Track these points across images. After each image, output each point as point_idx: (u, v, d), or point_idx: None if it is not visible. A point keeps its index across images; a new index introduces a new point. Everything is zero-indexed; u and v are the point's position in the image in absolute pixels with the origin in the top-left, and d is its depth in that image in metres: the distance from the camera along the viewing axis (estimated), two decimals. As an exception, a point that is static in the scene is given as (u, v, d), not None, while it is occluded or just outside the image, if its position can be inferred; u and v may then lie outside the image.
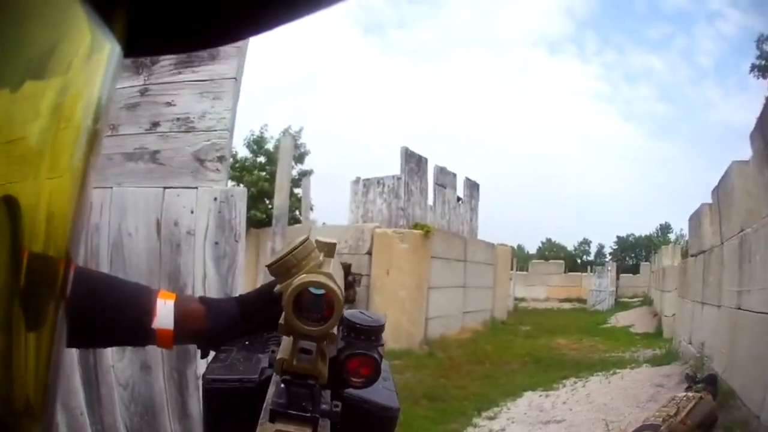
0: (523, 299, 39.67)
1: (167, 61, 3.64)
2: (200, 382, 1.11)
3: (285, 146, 9.00)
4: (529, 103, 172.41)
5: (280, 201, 8.10)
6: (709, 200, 11.66)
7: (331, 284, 0.77)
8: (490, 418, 9.20)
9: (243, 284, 3.60)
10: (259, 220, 21.88)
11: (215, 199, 3.53)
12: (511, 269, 31.98)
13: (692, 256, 13.64)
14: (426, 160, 20.11)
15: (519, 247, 75.38)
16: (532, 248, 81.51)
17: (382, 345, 0.88)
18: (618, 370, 13.23)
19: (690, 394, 6.86)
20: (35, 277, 0.53)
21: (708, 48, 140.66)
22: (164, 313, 1.26)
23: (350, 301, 3.55)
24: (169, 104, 3.64)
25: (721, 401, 7.40)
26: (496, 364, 14.68)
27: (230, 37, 0.76)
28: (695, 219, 13.31)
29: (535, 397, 10.93)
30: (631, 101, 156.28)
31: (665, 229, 74.59)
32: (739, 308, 8.19)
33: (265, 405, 0.85)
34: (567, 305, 39.77)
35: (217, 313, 1.30)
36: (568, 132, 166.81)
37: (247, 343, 1.21)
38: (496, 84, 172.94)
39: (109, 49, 0.57)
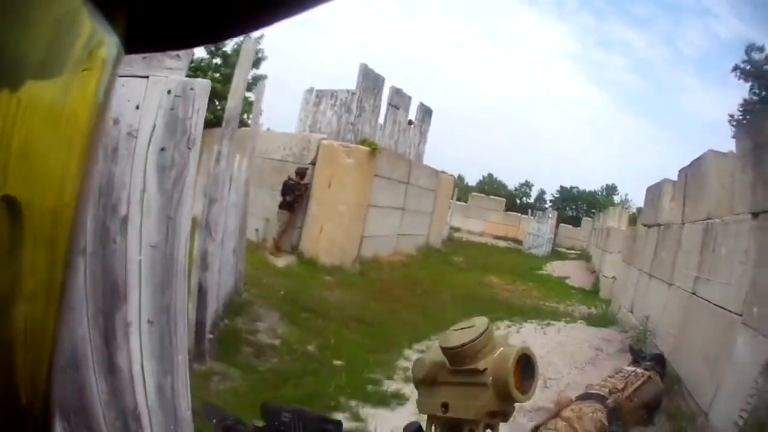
0: (458, 229, 40.27)
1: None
2: (130, 329, 1.20)
3: (246, 49, 8.63)
4: (496, 45, 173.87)
5: (234, 103, 7.99)
6: (667, 177, 11.78)
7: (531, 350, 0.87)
8: (422, 352, 8.92)
9: (191, 205, 3.17)
10: (208, 121, 21.41)
11: (169, 92, 2.94)
12: (452, 199, 32.50)
13: (645, 225, 13.88)
14: (383, 79, 20.06)
15: (459, 176, 76.11)
16: (472, 180, 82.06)
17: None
18: (553, 322, 13.55)
19: (639, 370, 6.71)
20: (36, 276, 0.55)
21: (692, 38, 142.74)
22: None
23: (293, 209, 11.64)
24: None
25: (666, 385, 7.32)
26: (427, 293, 14.91)
27: (230, 32, 0.76)
28: (654, 191, 13.41)
29: (466, 339, 10.85)
30: (600, 66, 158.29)
31: (611, 189, 76.19)
32: (695, 294, 8.33)
33: None
34: (502, 243, 40.39)
35: None
36: (530, 80, 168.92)
37: None
38: (466, 19, 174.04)
39: (111, 45, 0.59)
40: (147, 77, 2.77)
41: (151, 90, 2.77)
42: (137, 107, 2.73)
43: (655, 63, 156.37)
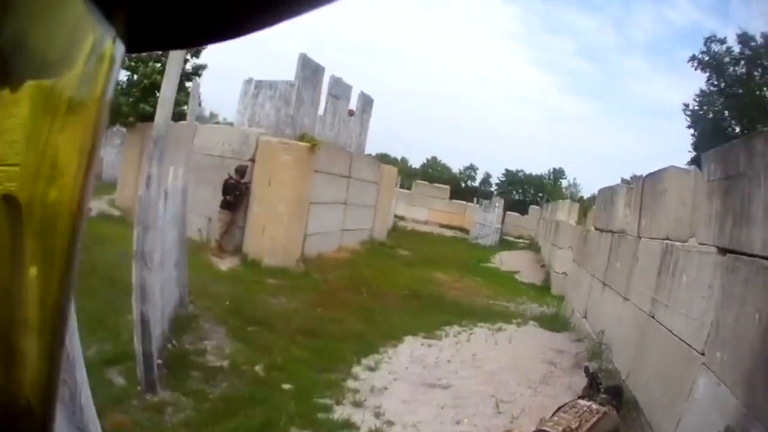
0: (403, 218, 40.52)
1: None
2: None
3: (174, 58, 8.17)
4: (441, 26, 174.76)
5: (161, 119, 7.53)
6: (619, 174, 11.69)
7: None
8: (371, 369, 9.18)
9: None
10: (147, 114, 21.10)
11: None
12: (396, 187, 32.80)
13: (597, 229, 13.83)
14: (323, 69, 20.09)
15: (403, 159, 76.50)
16: (416, 162, 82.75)
17: None
18: (504, 326, 13.42)
19: (594, 405, 6.72)
20: (39, 274, 0.56)
21: (643, 24, 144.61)
22: None
23: (234, 208, 12.64)
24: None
25: (623, 412, 7.29)
26: (374, 294, 14.83)
27: (231, 33, 0.73)
28: (607, 194, 13.34)
29: (417, 344, 11.02)
30: (547, 50, 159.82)
31: (558, 173, 76.87)
32: (653, 317, 8.23)
33: None
34: (448, 232, 40.75)
35: None
36: (473, 63, 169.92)
37: None
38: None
39: (112, 45, 0.60)
40: None
41: None
42: None
43: (604, 48, 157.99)
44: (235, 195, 16.04)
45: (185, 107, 16.77)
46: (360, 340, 10.58)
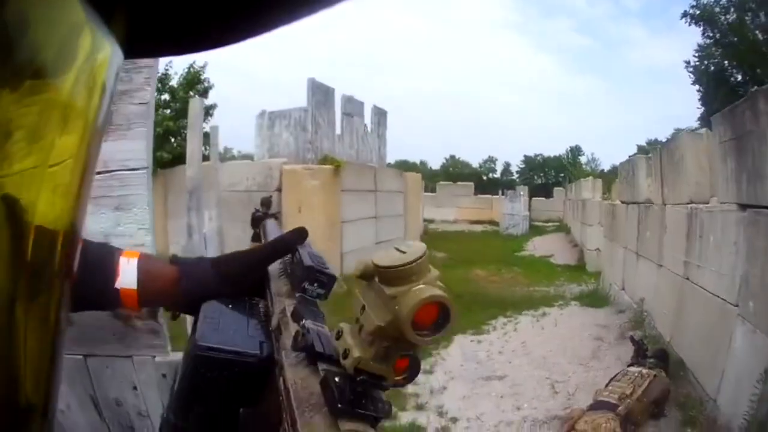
0: (432, 221, 40.20)
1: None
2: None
3: (194, 110, 8.15)
4: (438, 30, 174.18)
5: (193, 171, 7.50)
6: (634, 142, 11.65)
7: (450, 300, 0.74)
8: (427, 372, 9.18)
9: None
10: (166, 161, 21.57)
11: (164, 375, 2.63)
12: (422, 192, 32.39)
13: (623, 202, 13.76)
14: (333, 90, 20.03)
15: (422, 162, 76.51)
16: (435, 164, 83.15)
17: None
18: (546, 310, 13.55)
19: (644, 370, 6.92)
20: (37, 276, 0.56)
21: None
22: (127, 272, 1.23)
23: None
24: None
25: (671, 371, 7.55)
26: None
27: (229, 38, 0.75)
28: (628, 168, 13.41)
29: (467, 342, 11.05)
30: (546, 33, 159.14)
31: (575, 151, 75.52)
32: (688, 279, 8.32)
33: (293, 391, 0.83)
34: (478, 228, 40.33)
35: (191, 274, 1.26)
36: (476, 58, 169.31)
37: (230, 306, 1.18)
38: (402, 5, 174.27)
39: (110, 50, 0.60)
40: (130, 357, 2.60)
41: (141, 371, 2.58)
42: (134, 387, 2.55)
43: (600, 21, 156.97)
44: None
45: (203, 148, 16.88)
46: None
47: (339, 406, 0.75)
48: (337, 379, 0.79)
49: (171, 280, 1.24)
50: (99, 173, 2.48)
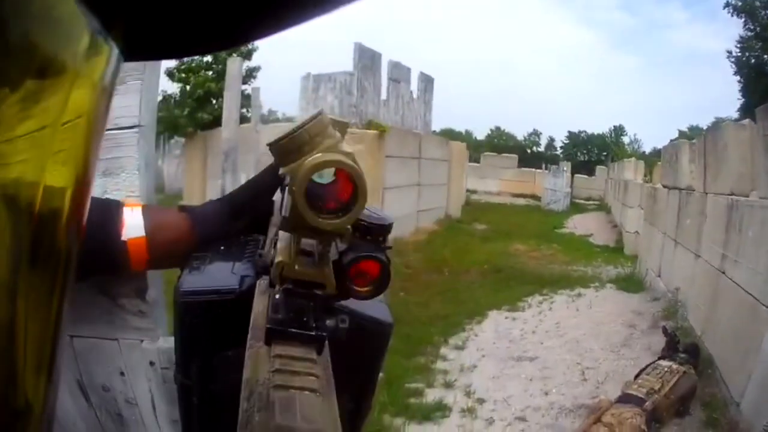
0: (474, 191, 40.11)
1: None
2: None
3: (232, 72, 8.12)
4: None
5: (228, 133, 7.74)
6: (675, 126, 11.47)
7: (354, 165, 0.69)
8: (458, 348, 9.27)
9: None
10: (206, 122, 21.88)
11: (152, 363, 2.29)
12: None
13: (665, 187, 13.60)
14: (380, 55, 20.04)
15: (467, 132, 76.46)
16: (480, 135, 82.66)
17: (390, 247, 0.80)
18: (582, 291, 13.51)
19: (674, 365, 6.91)
20: (37, 276, 0.55)
21: None
22: (133, 221, 1.20)
23: None
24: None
25: (700, 369, 7.51)
26: (455, 272, 14.91)
27: (229, 41, 0.76)
28: (671, 152, 13.22)
29: (501, 318, 11.10)
30: (589, 6, 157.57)
31: (619, 130, 75.86)
32: (724, 273, 8.19)
33: (252, 320, 0.75)
34: (521, 201, 40.19)
35: (204, 218, 1.24)
36: (522, 29, 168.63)
37: (222, 248, 1.13)
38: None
39: (108, 52, 0.59)
40: (116, 340, 2.25)
41: (128, 356, 2.26)
42: (122, 373, 2.21)
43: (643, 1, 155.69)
44: None
45: (244, 110, 16.88)
46: (445, 321, 10.64)
47: (268, 327, 0.67)
48: (277, 296, 0.71)
49: (183, 228, 1.22)
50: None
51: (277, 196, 1.14)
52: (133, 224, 1.18)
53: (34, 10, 0.47)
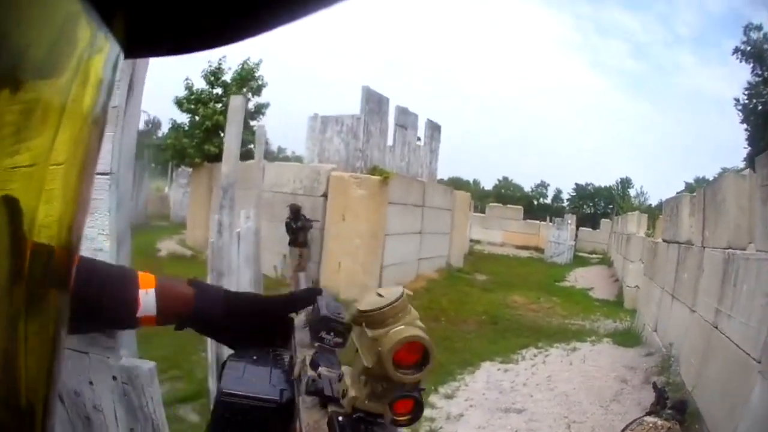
0: (478, 241, 40.48)
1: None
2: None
3: (234, 107, 8.11)
4: (495, 44, 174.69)
5: (228, 168, 7.81)
6: (682, 178, 11.46)
7: (427, 338, 0.85)
8: (448, 397, 9.24)
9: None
10: (213, 155, 21.99)
11: (114, 378, 2.59)
12: (470, 210, 32.59)
13: (665, 241, 13.66)
14: (387, 99, 20.15)
15: (475, 182, 77.37)
16: (488, 184, 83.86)
17: (423, 389, 0.93)
18: (578, 345, 13.46)
19: (659, 422, 6.90)
20: (37, 277, 0.54)
21: (688, 19, 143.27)
22: (147, 302, 1.30)
23: (302, 244, 9.09)
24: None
25: (687, 422, 7.48)
26: (452, 322, 14.95)
27: (229, 38, 0.72)
28: (673, 205, 13.24)
29: (493, 370, 11.04)
30: (600, 53, 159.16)
31: (625, 183, 76.24)
32: (716, 327, 8.16)
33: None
34: (524, 253, 40.35)
35: (204, 298, 1.37)
36: (534, 75, 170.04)
37: (255, 357, 1.25)
38: (461, 20, 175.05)
39: (109, 48, 0.58)
40: (87, 353, 2.56)
41: (96, 369, 2.57)
42: (90, 383, 2.53)
43: (653, 46, 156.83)
44: (295, 232, 16.03)
45: (251, 146, 16.97)
46: (438, 369, 10.30)
47: None
48: (340, 418, 0.90)
49: (186, 301, 1.34)
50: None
51: (298, 321, 1.41)
52: (147, 305, 1.30)
53: (34, 5, 0.47)
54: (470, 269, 25.91)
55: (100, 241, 2.52)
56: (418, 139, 23.33)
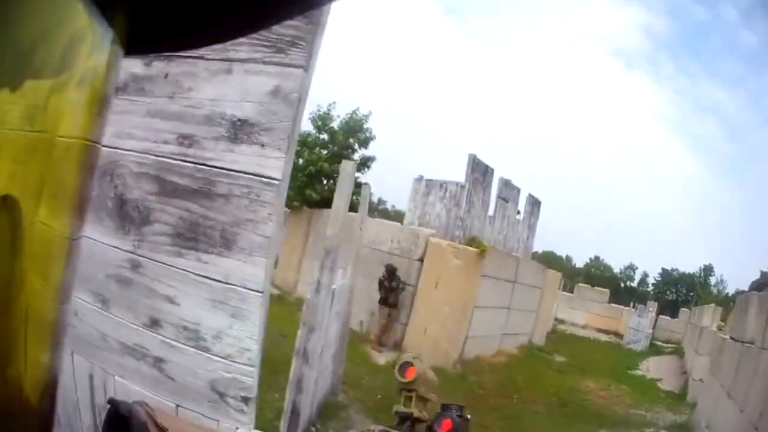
0: (563, 321, 40.24)
1: (160, 227, 2.88)
2: None
3: (345, 172, 8.25)
4: (597, 118, 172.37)
5: (333, 230, 7.99)
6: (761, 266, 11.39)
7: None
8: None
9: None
10: (313, 201, 22.11)
11: None
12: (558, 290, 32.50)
13: (732, 338, 13.25)
14: (492, 170, 20.18)
15: (567, 257, 77.01)
16: (580, 262, 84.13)
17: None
18: (636, 437, 13.33)
19: None
20: (36, 274, 0.59)
21: None
22: None
23: (392, 305, 11.11)
24: (169, 300, 2.84)
25: None
26: (523, 400, 15.07)
27: (225, 36, 0.82)
28: (743, 302, 12.99)
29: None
30: (695, 132, 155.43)
31: (707, 270, 74.65)
32: (757, 429, 8.35)
33: None
34: (604, 337, 40.05)
35: None
36: (632, 153, 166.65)
37: None
38: (566, 92, 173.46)
39: (110, 47, 0.62)
40: (217, 421, 2.73)
41: None
42: None
43: (745, 127, 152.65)
44: (387, 292, 16.40)
45: (354, 197, 17.25)
46: None
47: None
48: None
49: None
50: (220, 282, 2.74)
51: None
52: None
53: (37, 5, 0.53)
54: (550, 349, 25.72)
55: (248, 343, 2.74)
56: (518, 212, 23.20)
